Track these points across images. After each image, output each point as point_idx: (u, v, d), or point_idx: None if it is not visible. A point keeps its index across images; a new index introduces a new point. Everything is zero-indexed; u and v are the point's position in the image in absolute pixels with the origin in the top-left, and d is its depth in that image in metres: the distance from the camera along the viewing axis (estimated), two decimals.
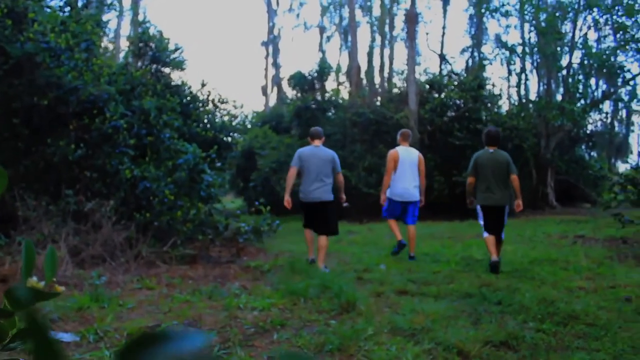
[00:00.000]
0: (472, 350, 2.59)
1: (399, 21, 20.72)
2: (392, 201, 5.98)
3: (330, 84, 20.26)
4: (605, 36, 16.61)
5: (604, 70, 15.55)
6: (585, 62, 15.55)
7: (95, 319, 3.28)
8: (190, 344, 0.23)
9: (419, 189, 5.96)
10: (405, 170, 5.83)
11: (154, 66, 9.62)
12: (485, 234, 5.19)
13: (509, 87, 19.59)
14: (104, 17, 8.06)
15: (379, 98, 17.64)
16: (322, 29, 25.39)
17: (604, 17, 15.32)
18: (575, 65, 15.81)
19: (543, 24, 15.07)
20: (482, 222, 5.31)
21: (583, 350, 2.65)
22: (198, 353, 0.23)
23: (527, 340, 2.78)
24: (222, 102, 11.31)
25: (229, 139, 10.73)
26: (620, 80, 16.02)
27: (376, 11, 21.48)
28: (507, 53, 17.06)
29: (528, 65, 17.13)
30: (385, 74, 19.91)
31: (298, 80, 18.08)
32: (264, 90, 27.26)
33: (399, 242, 5.99)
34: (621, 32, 14.83)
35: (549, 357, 2.53)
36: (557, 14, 15.15)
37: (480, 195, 5.27)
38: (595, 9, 14.94)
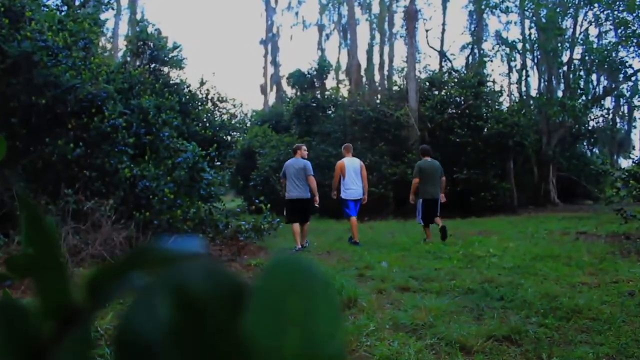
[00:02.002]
0: (475, 345, 2.57)
1: (399, 18, 20.67)
2: (348, 200, 7.34)
3: (329, 82, 20.25)
4: (606, 32, 16.57)
5: (605, 66, 15.50)
6: (586, 58, 15.52)
7: (96, 317, 3.26)
8: (184, 248, 0.21)
9: (362, 189, 7.45)
10: (351, 176, 7.34)
11: (153, 65, 9.60)
12: (421, 222, 7.38)
13: (509, 83, 19.55)
14: (102, 16, 8.03)
15: (378, 96, 17.62)
16: (321, 27, 25.35)
17: (605, 12, 15.27)
18: (576, 61, 15.77)
19: (543, 20, 15.02)
20: (420, 215, 7.36)
21: (586, 344, 2.63)
22: (195, 256, 0.21)
23: (530, 335, 2.75)
24: (222, 101, 11.29)
25: (229, 137, 10.71)
26: (621, 75, 15.97)
27: (375, 8, 21.45)
28: (508, 49, 17.02)
29: (529, 62, 17.11)
30: (385, 72, 19.89)
31: (297, 78, 18.06)
32: (263, 89, 27.26)
33: (352, 240, 7.29)
34: (622, 28, 14.78)
35: (552, 352, 2.50)
36: (558, 10, 15.10)
37: (424, 191, 7.26)
38: (596, 5, 14.90)
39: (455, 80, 15.51)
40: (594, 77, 16.83)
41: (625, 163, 19.76)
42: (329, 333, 0.19)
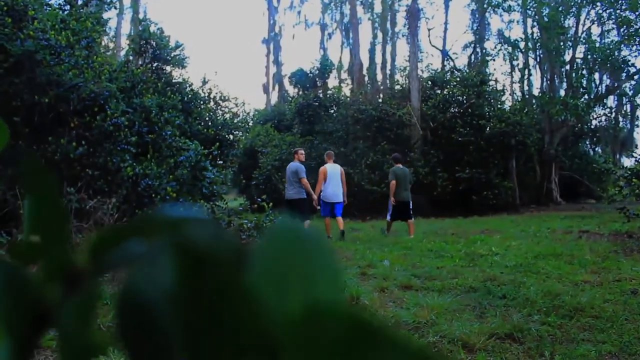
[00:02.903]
0: (477, 342, 2.57)
1: (401, 17, 20.64)
2: (325, 203, 8.02)
3: (332, 81, 20.23)
4: (608, 30, 16.52)
5: (608, 65, 15.45)
6: (589, 56, 15.47)
7: (98, 315, 3.27)
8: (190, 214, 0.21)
9: (342, 193, 8.13)
10: (333, 181, 8.02)
11: (155, 64, 9.61)
12: (390, 219, 8.23)
13: (512, 82, 19.50)
14: (104, 15, 8.05)
15: (381, 95, 17.60)
16: (324, 26, 25.34)
17: (608, 11, 15.23)
18: (578, 60, 15.73)
19: (546, 19, 14.99)
20: (389, 213, 8.21)
21: (589, 342, 2.62)
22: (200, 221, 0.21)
23: (533, 333, 2.75)
24: (224, 100, 11.30)
25: (231, 136, 10.72)
26: (624, 74, 15.91)
27: (377, 8, 21.41)
28: (510, 48, 16.98)
29: (531, 61, 17.06)
30: (387, 71, 19.87)
31: (299, 77, 18.07)
32: (266, 88, 27.27)
33: (328, 236, 7.78)
34: (625, 26, 14.74)
35: (555, 349, 2.50)
36: (560, 9, 15.06)
37: (397, 194, 8.06)
38: (598, 3, 14.86)
39: (458, 79, 15.49)
40: (596, 75, 16.77)
41: (628, 162, 19.70)
42: (331, 289, 0.19)
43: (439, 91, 15.46)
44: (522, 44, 16.49)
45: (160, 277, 0.19)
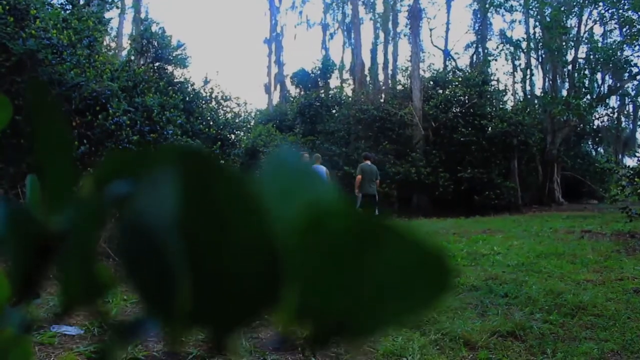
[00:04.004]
0: (479, 340, 2.56)
1: (403, 17, 20.63)
2: None
3: (333, 81, 20.23)
4: (611, 30, 16.49)
5: (610, 65, 15.41)
6: (591, 56, 15.44)
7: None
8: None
9: None
10: None
11: (157, 63, 9.62)
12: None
13: (514, 82, 19.47)
14: (106, 15, 8.06)
15: (382, 95, 17.60)
16: (325, 26, 25.34)
17: (610, 11, 15.19)
18: (580, 60, 15.70)
19: (548, 19, 14.96)
20: (358, 204, 9.43)
21: (591, 340, 2.62)
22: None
23: (535, 331, 2.74)
24: (225, 100, 11.31)
25: (233, 136, 10.72)
26: (626, 74, 15.87)
27: (379, 8, 21.40)
28: (512, 48, 16.96)
29: (533, 61, 17.04)
30: (389, 71, 19.85)
31: (301, 77, 18.07)
32: (267, 88, 27.27)
33: None
34: (627, 26, 14.70)
35: (557, 347, 2.49)
36: (562, 9, 15.04)
37: (363, 187, 8.66)
38: (600, 3, 14.83)
39: (460, 79, 15.47)
40: (598, 76, 16.74)
41: (630, 162, 19.62)
42: (331, 197, 0.20)
43: (440, 91, 15.44)
44: (524, 44, 16.47)
45: (164, 199, 0.18)
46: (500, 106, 15.31)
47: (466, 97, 14.52)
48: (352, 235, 0.18)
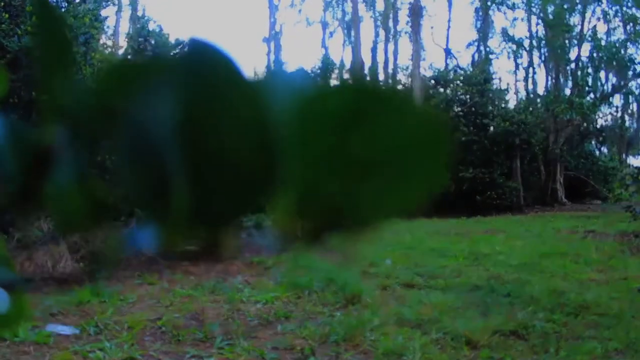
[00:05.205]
0: (481, 339, 2.53)
1: (403, 15, 20.56)
2: None
3: (333, 80, 20.21)
4: (614, 28, 16.40)
5: (614, 63, 15.33)
6: (595, 55, 15.36)
7: (96, 312, 3.24)
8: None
9: None
10: None
11: None
12: None
13: (516, 81, 19.40)
14: (103, 13, 8.03)
15: None
16: (325, 25, 25.29)
17: (614, 8, 15.12)
18: (584, 59, 15.63)
19: (551, 17, 14.90)
20: None
21: (595, 339, 2.58)
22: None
23: (537, 330, 2.71)
24: None
25: None
26: (630, 73, 15.79)
27: (379, 5, 21.34)
28: (514, 46, 16.89)
29: (536, 59, 16.97)
30: (390, 70, 19.80)
31: None
32: None
33: None
34: (631, 24, 14.62)
35: (560, 346, 2.45)
36: (565, 6, 14.96)
37: None
38: (604, 1, 14.76)
39: (461, 77, 15.41)
40: (602, 74, 16.66)
41: (635, 161, 19.55)
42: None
43: (442, 90, 15.38)
44: (526, 42, 16.40)
45: (164, 94, 0.18)
46: (503, 105, 15.24)
47: (468, 96, 14.46)
48: (349, 108, 0.18)
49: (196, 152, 0.19)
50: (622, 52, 14.76)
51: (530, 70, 17.34)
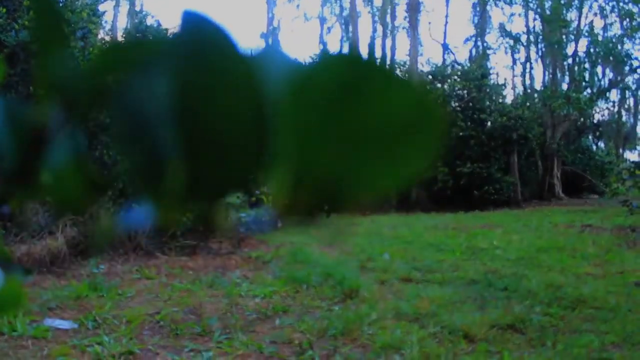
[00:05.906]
0: (479, 333, 2.54)
1: (401, 10, 20.49)
2: None
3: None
4: (611, 24, 16.40)
5: (611, 59, 15.34)
6: (591, 50, 15.36)
7: (94, 307, 3.24)
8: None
9: None
10: None
11: None
12: None
13: (513, 76, 19.39)
14: (100, 7, 7.97)
15: None
16: (322, 20, 25.19)
17: (610, 4, 15.11)
18: (581, 54, 15.63)
19: (548, 12, 14.87)
20: None
21: (591, 332, 2.59)
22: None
23: (534, 324, 2.72)
24: None
25: None
26: (627, 68, 15.81)
27: (377, 1, 21.27)
28: (512, 42, 16.87)
29: (533, 54, 16.96)
30: (387, 65, 19.72)
31: None
32: None
33: None
34: (628, 19, 14.62)
35: (557, 340, 2.46)
36: (562, 2, 14.94)
37: None
38: None
39: (459, 73, 15.39)
40: (599, 69, 16.66)
41: (631, 156, 19.61)
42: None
43: (439, 85, 15.36)
44: (523, 38, 16.38)
45: (159, 73, 0.18)
46: (500, 100, 15.23)
47: (465, 91, 14.45)
48: (342, 83, 0.18)
49: (190, 126, 0.19)
50: (619, 47, 14.77)
51: (528, 65, 17.35)
